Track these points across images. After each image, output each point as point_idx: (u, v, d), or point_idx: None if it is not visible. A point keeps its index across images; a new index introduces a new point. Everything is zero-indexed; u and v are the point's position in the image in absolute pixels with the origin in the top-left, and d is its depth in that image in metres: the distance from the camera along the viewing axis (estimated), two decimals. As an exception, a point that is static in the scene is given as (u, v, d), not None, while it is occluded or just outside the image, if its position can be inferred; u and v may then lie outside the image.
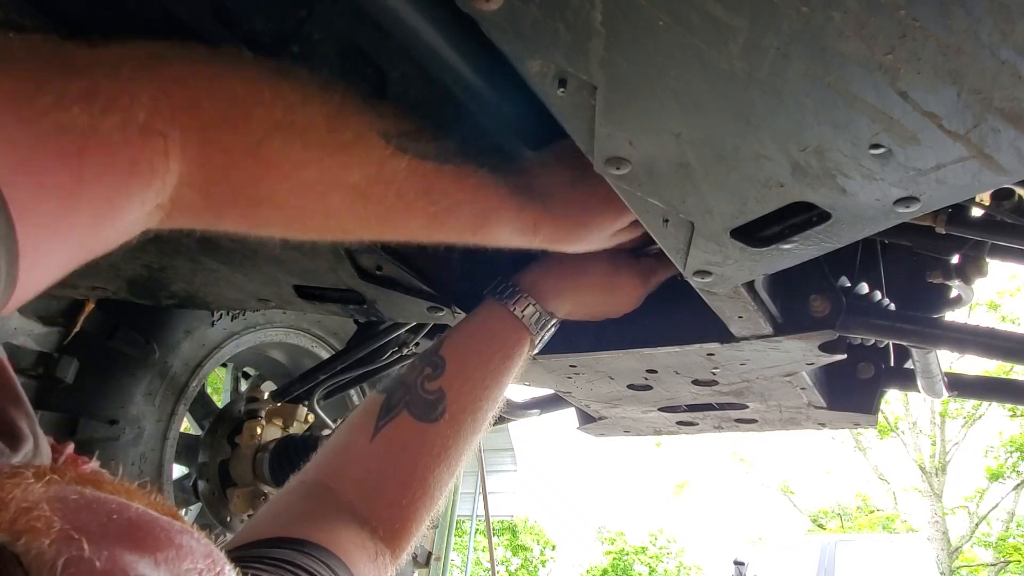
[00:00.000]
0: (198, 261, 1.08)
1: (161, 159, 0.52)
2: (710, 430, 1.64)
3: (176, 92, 0.53)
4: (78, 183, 0.47)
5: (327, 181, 0.63)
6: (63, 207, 0.46)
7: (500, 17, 0.51)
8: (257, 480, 2.14)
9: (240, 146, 0.57)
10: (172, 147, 0.53)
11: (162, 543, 0.36)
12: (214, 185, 0.57)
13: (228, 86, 0.57)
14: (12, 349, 1.64)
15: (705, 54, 0.52)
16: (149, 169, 0.52)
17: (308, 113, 0.60)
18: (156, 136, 0.52)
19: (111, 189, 0.50)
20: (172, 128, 0.53)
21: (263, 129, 0.58)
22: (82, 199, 0.48)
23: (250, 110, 0.57)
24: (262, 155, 0.58)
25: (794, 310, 1.05)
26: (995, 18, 0.46)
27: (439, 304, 1.10)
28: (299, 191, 0.62)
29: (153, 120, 0.52)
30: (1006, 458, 14.63)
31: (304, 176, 0.61)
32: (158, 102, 0.52)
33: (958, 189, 0.62)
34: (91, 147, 0.48)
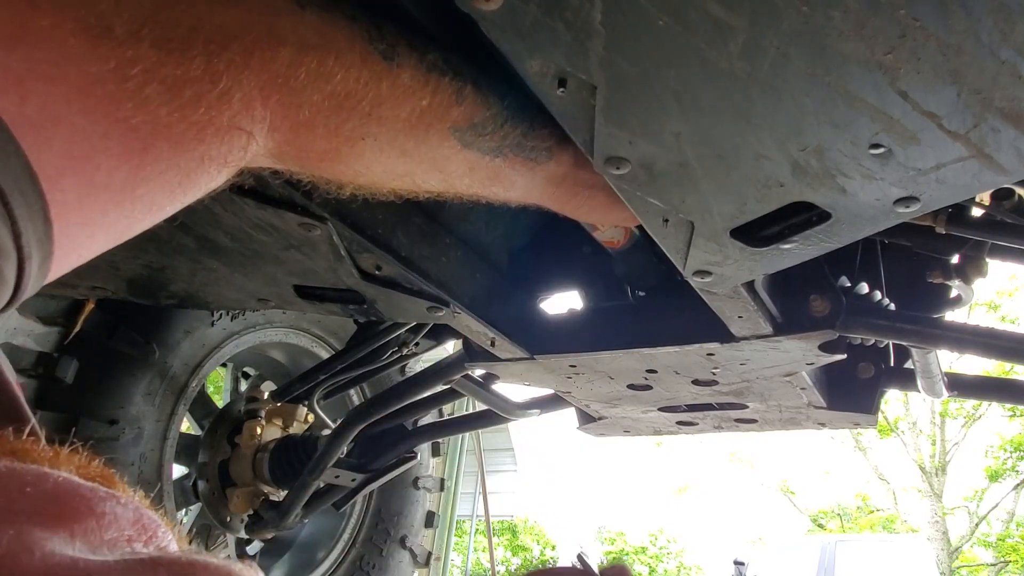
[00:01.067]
0: (198, 261, 1.08)
1: (238, 153, 0.50)
2: (710, 430, 1.64)
3: (275, 93, 0.51)
4: (134, 181, 0.44)
5: (390, 175, 0.66)
6: (112, 203, 0.44)
7: (500, 17, 0.51)
8: (257, 480, 2.14)
9: (323, 148, 0.57)
10: (254, 143, 0.51)
11: (80, 514, 0.34)
12: (286, 163, 0.58)
13: (332, 89, 0.54)
14: (12, 349, 1.64)
15: (705, 54, 0.52)
16: (221, 162, 0.49)
17: (396, 118, 0.60)
18: (239, 134, 0.49)
19: (174, 183, 0.47)
20: (261, 128, 0.51)
21: (349, 136, 0.58)
22: (136, 195, 0.45)
23: (343, 118, 0.56)
24: (340, 158, 0.59)
25: (794, 310, 1.04)
26: (995, 18, 0.46)
27: (439, 304, 1.10)
28: (364, 180, 0.64)
29: (240, 119, 0.49)
30: (1006, 458, 14.63)
31: (373, 171, 0.63)
32: (252, 102, 0.49)
33: (958, 189, 0.62)
34: (159, 144, 0.44)
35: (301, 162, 0.58)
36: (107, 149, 0.42)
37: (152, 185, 0.45)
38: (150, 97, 0.43)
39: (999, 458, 14.83)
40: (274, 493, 2.19)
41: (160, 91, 0.43)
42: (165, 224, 0.96)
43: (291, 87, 0.51)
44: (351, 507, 2.49)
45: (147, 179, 0.45)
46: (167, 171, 0.46)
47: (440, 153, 0.66)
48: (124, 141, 0.42)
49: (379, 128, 0.59)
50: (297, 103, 0.52)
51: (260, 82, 0.49)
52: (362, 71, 0.55)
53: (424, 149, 0.64)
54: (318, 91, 0.53)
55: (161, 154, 0.45)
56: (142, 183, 0.44)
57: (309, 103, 0.53)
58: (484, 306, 1.16)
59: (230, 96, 0.47)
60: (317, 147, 0.57)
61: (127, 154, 0.43)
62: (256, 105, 0.50)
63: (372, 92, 0.56)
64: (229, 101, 0.47)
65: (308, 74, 0.52)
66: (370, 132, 0.59)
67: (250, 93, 0.49)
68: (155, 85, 0.43)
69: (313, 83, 0.53)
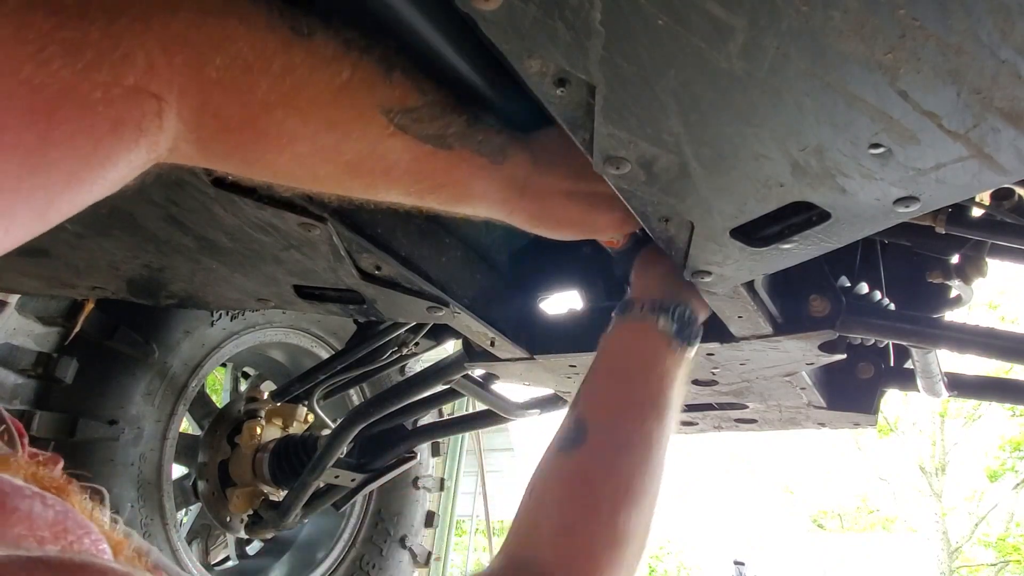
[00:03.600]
0: (198, 261, 1.08)
1: (153, 120, 0.50)
2: (710, 430, 1.64)
3: (179, 52, 0.50)
4: (44, 144, 0.44)
5: (320, 154, 0.62)
6: (26, 169, 0.43)
7: (499, 16, 0.50)
8: (257, 480, 2.14)
9: (239, 115, 0.56)
10: (167, 108, 0.51)
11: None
12: (208, 143, 0.56)
13: (237, 50, 0.53)
14: (12, 349, 1.64)
15: (705, 54, 0.52)
16: (136, 130, 0.49)
17: (314, 86, 0.58)
18: (148, 97, 0.49)
19: (87, 151, 0.47)
20: (169, 90, 0.50)
21: (265, 101, 0.56)
22: (49, 160, 0.45)
23: (256, 80, 0.55)
24: (260, 126, 0.57)
25: (794, 310, 1.04)
26: (995, 18, 0.46)
27: (439, 304, 1.10)
28: (291, 160, 0.62)
29: (147, 80, 0.48)
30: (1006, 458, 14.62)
31: (298, 148, 0.61)
32: (156, 62, 0.49)
33: (958, 189, 0.62)
34: (65, 106, 0.44)
35: (222, 136, 0.57)
36: (11, 108, 0.42)
37: (65, 149, 0.45)
38: (50, 59, 0.43)
39: (999, 458, 14.82)
40: (274, 493, 2.19)
41: (60, 53, 0.43)
42: (164, 224, 0.96)
43: (194, 47, 0.51)
44: (351, 507, 2.49)
45: (58, 143, 0.45)
46: (78, 133, 0.46)
47: (372, 134, 0.63)
48: (28, 101, 0.43)
49: (296, 93, 0.57)
50: (202, 62, 0.52)
51: (161, 42, 0.49)
52: (268, 35, 0.55)
53: (353, 127, 0.62)
54: (223, 52, 0.52)
55: (69, 115, 0.45)
56: (53, 147, 0.44)
57: (215, 64, 0.52)
58: (484, 306, 1.16)
59: (132, 57, 0.47)
60: (233, 112, 0.55)
61: (33, 114, 0.43)
62: (160, 65, 0.49)
63: (282, 57, 0.55)
64: (132, 62, 0.47)
65: (210, 34, 0.52)
66: (286, 97, 0.57)
67: (152, 53, 0.48)
68: (54, 47, 0.43)
69: (217, 44, 0.52)
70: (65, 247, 1.05)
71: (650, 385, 0.84)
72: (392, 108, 0.62)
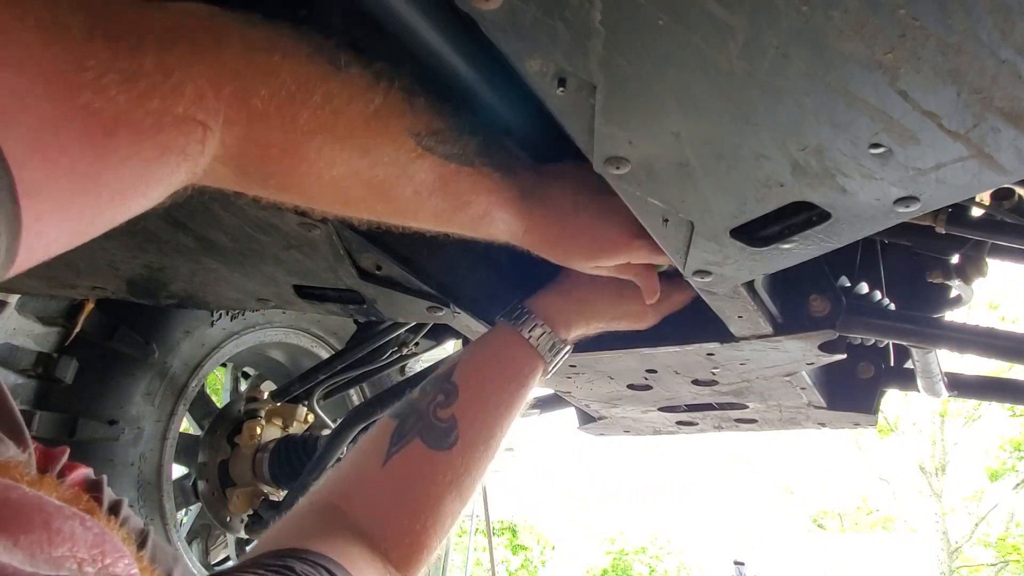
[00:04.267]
0: (198, 261, 1.08)
1: (196, 146, 0.52)
2: (710, 430, 1.64)
3: (227, 84, 0.53)
4: (99, 166, 0.46)
5: (354, 178, 0.66)
6: (78, 188, 0.46)
7: (499, 16, 0.51)
8: (257, 480, 2.14)
9: (281, 143, 0.59)
10: (211, 136, 0.53)
11: (33, 526, 0.35)
12: (247, 168, 0.60)
13: (281, 82, 0.57)
14: (12, 349, 1.64)
15: (705, 53, 0.52)
16: (181, 155, 0.52)
17: (351, 115, 0.62)
18: (195, 125, 0.52)
19: (136, 174, 0.49)
20: (215, 119, 0.53)
21: (306, 130, 0.59)
22: (101, 181, 0.47)
23: (298, 110, 0.58)
24: (300, 154, 0.61)
25: (794, 310, 1.04)
26: (995, 18, 0.46)
27: (439, 304, 1.10)
28: (327, 185, 0.65)
29: (195, 110, 0.51)
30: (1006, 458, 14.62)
31: (334, 172, 0.64)
32: (205, 92, 0.52)
33: (958, 189, 0.62)
34: (120, 131, 0.47)
35: (263, 162, 0.60)
36: (70, 132, 0.44)
37: (116, 172, 0.47)
38: (107, 87, 0.45)
39: (999, 458, 14.82)
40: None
41: (116, 81, 0.46)
42: (164, 224, 0.96)
43: (242, 79, 0.54)
44: (351, 507, 2.49)
45: (111, 166, 0.47)
46: (130, 159, 0.48)
47: (402, 156, 0.67)
48: (86, 126, 0.45)
49: (335, 121, 0.61)
50: (249, 94, 0.55)
51: (211, 74, 0.52)
52: (310, 68, 0.59)
53: (385, 149, 0.65)
54: (268, 84, 0.56)
55: (122, 141, 0.47)
56: (106, 169, 0.47)
57: (261, 95, 0.55)
58: (484, 306, 1.16)
59: (183, 88, 0.50)
60: (274, 139, 0.58)
61: (90, 138, 0.45)
62: (208, 96, 0.52)
63: (323, 87, 0.59)
64: (182, 92, 0.50)
65: (257, 68, 0.55)
66: (325, 125, 0.60)
67: (202, 85, 0.51)
68: (111, 76, 0.45)
69: (263, 77, 0.55)
70: (65, 247, 1.05)
71: (521, 401, 0.92)
72: (419, 131, 0.67)
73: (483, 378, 0.91)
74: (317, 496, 0.83)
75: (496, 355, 0.94)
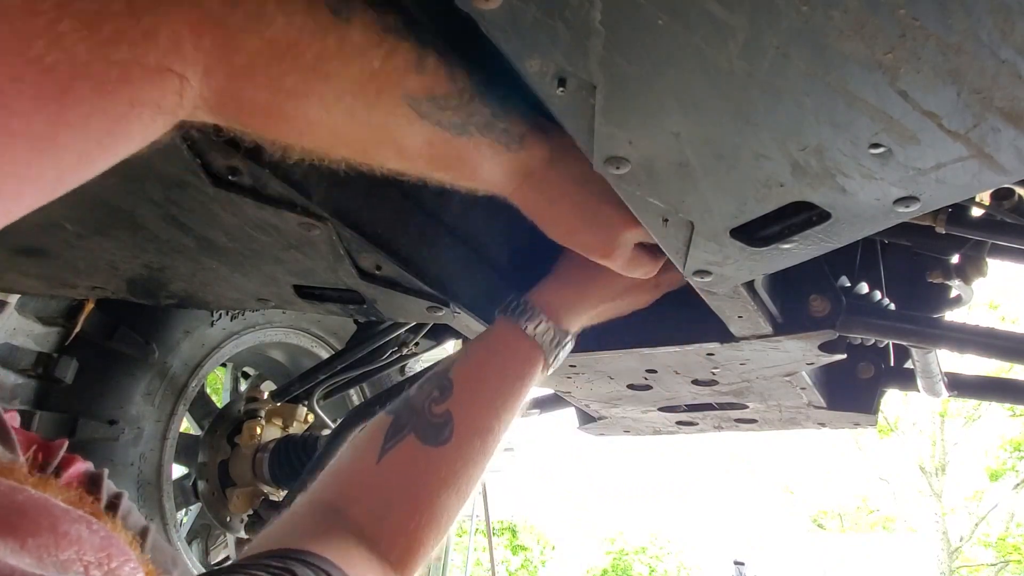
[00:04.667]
0: (197, 261, 1.08)
1: (173, 98, 0.47)
2: (710, 430, 1.64)
3: (208, 33, 0.47)
4: (55, 128, 0.41)
5: (336, 138, 0.62)
6: (35, 153, 0.41)
7: (499, 16, 0.51)
8: (257, 480, 2.14)
9: (263, 102, 0.54)
10: (188, 87, 0.47)
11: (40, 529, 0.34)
12: (227, 118, 0.55)
13: (271, 35, 0.50)
14: (12, 349, 1.64)
15: (705, 53, 0.52)
16: (155, 108, 0.46)
17: (343, 76, 0.56)
18: (170, 76, 0.45)
19: (102, 131, 0.44)
20: (194, 71, 0.47)
21: (291, 93, 0.54)
22: (59, 144, 0.42)
23: (286, 71, 0.52)
24: (282, 114, 0.55)
25: (794, 310, 1.04)
26: (995, 18, 0.46)
27: (439, 304, 1.10)
28: (309, 141, 0.61)
29: (170, 60, 0.45)
30: (1006, 458, 14.62)
31: (315, 132, 0.59)
32: (182, 41, 0.45)
33: (958, 189, 0.62)
34: (79, 86, 0.41)
35: (241, 116, 0.55)
36: (20, 92, 0.38)
37: (77, 132, 0.42)
38: (64, 34, 0.39)
39: (999, 458, 14.82)
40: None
41: (76, 27, 0.40)
42: (164, 224, 0.96)
43: (226, 28, 0.48)
44: (351, 507, 2.49)
45: (70, 125, 0.41)
46: (92, 115, 0.42)
47: (392, 121, 0.61)
48: (38, 83, 0.39)
49: (324, 86, 0.55)
50: (232, 46, 0.48)
51: (191, 19, 0.45)
52: (306, 20, 0.52)
53: (374, 115, 0.60)
54: (256, 35, 0.49)
55: (83, 97, 0.41)
56: (65, 129, 0.41)
57: (246, 48, 0.49)
58: (484, 306, 1.16)
59: (156, 33, 0.43)
60: (258, 99, 0.53)
61: (43, 97, 0.40)
62: (187, 45, 0.46)
63: (317, 45, 0.52)
64: (155, 39, 0.43)
65: (245, 15, 0.48)
66: (314, 89, 0.55)
67: (179, 31, 0.45)
68: (69, 20, 0.39)
69: (251, 26, 0.49)
70: (65, 247, 1.05)
71: (521, 397, 0.89)
72: (417, 96, 0.61)
73: (480, 374, 0.88)
74: (314, 494, 0.82)
75: (495, 350, 0.91)
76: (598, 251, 0.83)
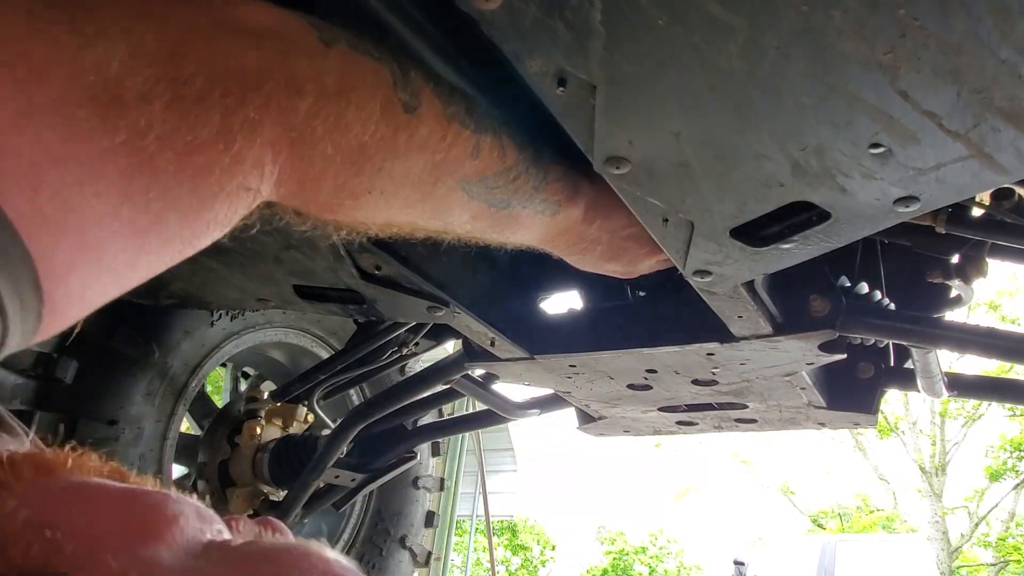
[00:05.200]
0: (197, 261, 1.08)
1: (243, 211, 0.48)
2: (710, 430, 1.64)
3: (287, 148, 0.47)
4: (138, 255, 0.41)
5: (391, 223, 0.64)
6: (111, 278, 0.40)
7: (499, 16, 0.50)
8: (257, 480, 2.14)
9: (326, 201, 0.54)
10: (258, 198, 0.48)
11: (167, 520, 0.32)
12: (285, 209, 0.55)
13: (346, 142, 0.51)
14: (11, 349, 1.63)
15: (705, 53, 0.52)
16: (225, 223, 0.47)
17: (406, 173, 0.57)
18: (247, 192, 0.47)
19: (175, 251, 0.44)
20: (268, 184, 0.48)
21: (354, 190, 0.55)
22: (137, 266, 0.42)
23: (355, 172, 0.53)
24: (344, 208, 0.56)
25: (794, 310, 1.04)
26: (995, 18, 0.46)
27: (439, 304, 1.10)
28: (363, 226, 0.62)
29: (249, 180, 0.46)
30: (1006, 458, 14.61)
31: (373, 220, 0.61)
32: (263, 161, 0.46)
33: (958, 188, 0.62)
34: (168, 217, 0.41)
35: (302, 208, 0.56)
36: (117, 231, 0.38)
37: (154, 257, 0.43)
38: (161, 169, 0.39)
39: (999, 458, 14.82)
40: (274, 493, 2.19)
41: (172, 160, 0.40)
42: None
43: (304, 142, 0.48)
44: (351, 507, 2.49)
45: (150, 253, 0.42)
46: (171, 242, 0.43)
47: (445, 204, 0.64)
48: (134, 220, 0.39)
49: (387, 183, 0.56)
50: (308, 158, 0.49)
51: (273, 138, 0.46)
52: (380, 123, 0.52)
53: (429, 202, 0.63)
54: (332, 144, 0.50)
55: (167, 227, 0.42)
56: (144, 255, 0.42)
57: (321, 157, 0.50)
58: (484, 306, 1.16)
59: (243, 158, 0.44)
60: (320, 200, 0.54)
61: (136, 234, 0.40)
62: (266, 163, 0.47)
63: (387, 146, 0.54)
64: (241, 164, 0.44)
65: (324, 128, 0.49)
66: (376, 187, 0.56)
67: (262, 153, 0.46)
68: (168, 154, 0.39)
69: (328, 136, 0.49)
70: (65, 247, 1.05)
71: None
72: (471, 180, 0.64)
73: None
74: None
75: None
76: (622, 276, 0.91)
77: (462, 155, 0.61)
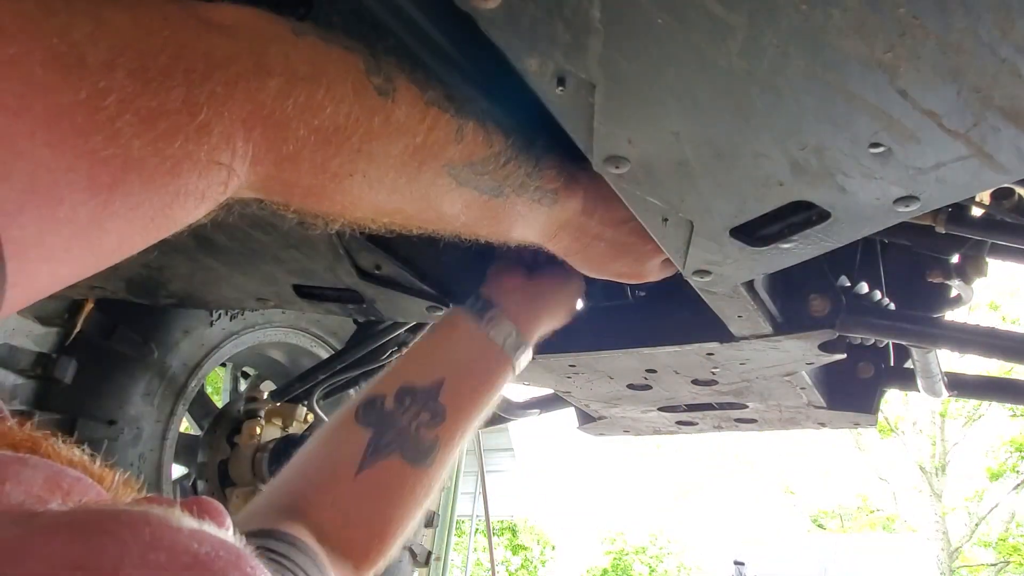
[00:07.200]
0: (197, 260, 1.08)
1: (218, 188, 0.48)
2: (710, 430, 1.64)
3: (259, 125, 0.48)
4: (102, 215, 0.41)
5: (381, 211, 0.64)
6: (77, 238, 0.41)
7: (499, 15, 0.50)
8: (256, 480, 2.14)
9: (307, 184, 0.55)
10: (234, 177, 0.49)
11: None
12: (271, 197, 0.56)
13: (319, 122, 0.51)
14: (11, 349, 1.64)
15: (704, 52, 0.51)
16: (199, 198, 0.47)
17: (387, 155, 0.57)
18: (218, 168, 0.47)
19: (146, 218, 0.45)
20: (242, 162, 0.48)
21: (336, 172, 0.55)
22: (104, 230, 0.42)
23: (331, 153, 0.53)
24: (326, 193, 0.57)
25: (794, 310, 1.04)
26: (995, 16, 0.46)
27: (438, 303, 1.10)
28: (352, 215, 0.62)
29: (219, 152, 0.46)
30: (1006, 458, 14.62)
31: (361, 207, 0.61)
32: (233, 135, 0.46)
33: (958, 188, 0.62)
34: (129, 179, 0.42)
35: (286, 196, 0.56)
36: (72, 183, 0.39)
37: (121, 220, 0.43)
38: (122, 129, 0.40)
39: (999, 458, 14.82)
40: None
41: (133, 123, 0.41)
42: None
43: (276, 120, 0.49)
44: (351, 507, 2.49)
45: (116, 214, 0.42)
46: (139, 206, 0.43)
47: (433, 191, 0.64)
48: (91, 175, 0.40)
49: (368, 165, 0.56)
50: (282, 137, 0.50)
51: (243, 114, 0.47)
52: (353, 105, 0.53)
53: (416, 186, 0.62)
54: (305, 125, 0.51)
55: (132, 189, 0.42)
56: (110, 218, 0.42)
57: (295, 137, 0.50)
58: (484, 306, 1.16)
59: (209, 129, 0.45)
60: (302, 182, 0.54)
61: (94, 188, 0.40)
62: (237, 139, 0.47)
63: (363, 127, 0.54)
64: (208, 134, 0.45)
65: (295, 107, 0.50)
66: (358, 169, 0.56)
67: (231, 126, 0.46)
68: (128, 116, 0.40)
69: (300, 116, 0.50)
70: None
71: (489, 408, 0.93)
72: (457, 164, 0.63)
73: (472, 402, 0.90)
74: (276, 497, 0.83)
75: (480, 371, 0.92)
76: (630, 278, 0.90)
77: (444, 139, 0.61)
